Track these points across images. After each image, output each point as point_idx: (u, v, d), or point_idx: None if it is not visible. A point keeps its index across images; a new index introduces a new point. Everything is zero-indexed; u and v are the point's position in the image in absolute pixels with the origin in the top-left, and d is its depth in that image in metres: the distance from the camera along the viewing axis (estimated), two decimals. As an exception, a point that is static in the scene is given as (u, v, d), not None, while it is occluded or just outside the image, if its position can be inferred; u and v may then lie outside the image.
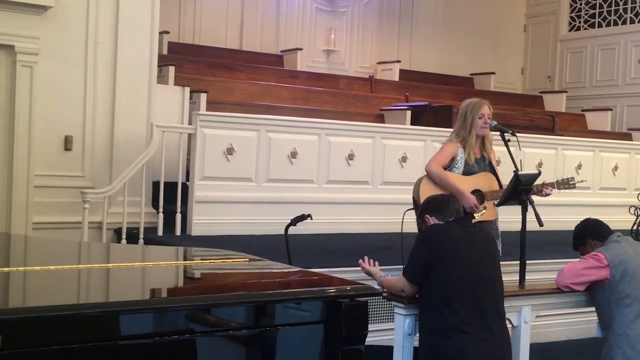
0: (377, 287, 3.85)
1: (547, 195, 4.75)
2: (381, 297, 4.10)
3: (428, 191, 4.75)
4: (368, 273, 4.14)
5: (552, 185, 4.87)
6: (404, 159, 7.32)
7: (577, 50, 12.21)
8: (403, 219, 4.67)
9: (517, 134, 4.96)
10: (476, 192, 4.91)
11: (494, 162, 5.11)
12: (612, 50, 11.73)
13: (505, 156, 4.95)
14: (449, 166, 4.96)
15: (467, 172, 4.93)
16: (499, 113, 8.61)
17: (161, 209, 6.36)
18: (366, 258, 4.19)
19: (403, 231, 4.68)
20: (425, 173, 4.98)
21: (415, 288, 3.75)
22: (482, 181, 4.96)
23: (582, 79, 12.10)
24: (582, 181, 5.35)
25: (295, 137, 6.86)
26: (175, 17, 9.96)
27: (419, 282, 3.73)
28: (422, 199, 4.80)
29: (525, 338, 4.26)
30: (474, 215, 4.84)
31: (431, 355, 3.67)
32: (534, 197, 4.70)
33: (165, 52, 8.95)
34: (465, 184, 4.89)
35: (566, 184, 5.00)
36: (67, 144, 6.51)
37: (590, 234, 4.45)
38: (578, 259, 4.46)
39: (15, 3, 6.04)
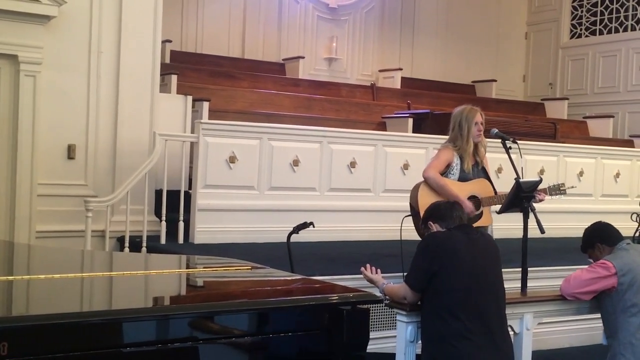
0: (379, 294, 3.86)
1: (540, 201, 4.75)
2: (383, 305, 4.11)
3: (426, 197, 4.81)
4: (370, 281, 4.15)
5: (544, 191, 4.88)
6: (406, 167, 7.33)
7: (579, 58, 12.23)
8: (402, 225, 4.70)
9: (519, 141, 4.98)
10: (472, 198, 4.95)
11: (487, 167, 5.15)
12: (613, 57, 11.75)
13: (507, 163, 4.96)
14: (445, 172, 5.02)
15: (462, 178, 4.99)
16: (500, 120, 8.66)
17: (164, 217, 6.37)
18: (368, 266, 4.20)
19: (403, 238, 4.70)
20: (423, 179, 5.02)
21: (418, 295, 3.76)
22: (478, 187, 5.00)
23: (583, 86, 12.12)
24: (572, 187, 5.37)
25: (297, 145, 6.87)
26: (178, 26, 10.00)
27: (421, 290, 3.73)
28: (420, 205, 4.86)
29: (527, 345, 4.25)
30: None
31: (434, 362, 3.68)
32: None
33: (167, 60, 8.98)
34: (461, 190, 4.93)
35: (557, 189, 5.01)
36: (70, 152, 6.53)
37: (599, 238, 4.38)
38: (585, 266, 4.38)
39: (18, 13, 6.07)
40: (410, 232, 4.93)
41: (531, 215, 4.55)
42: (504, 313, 3.79)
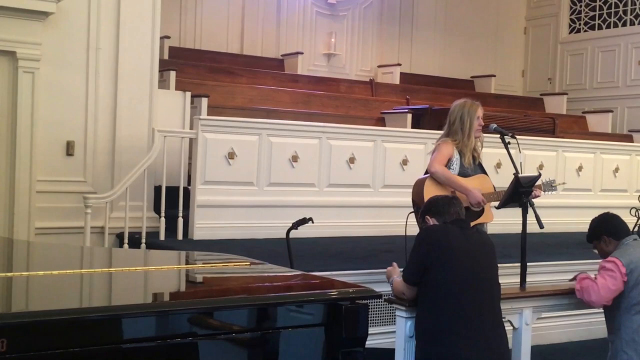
0: (378, 290, 3.86)
1: (536, 197, 4.75)
2: (382, 300, 4.11)
3: (433, 192, 4.71)
4: (388, 275, 4.10)
5: (539, 187, 4.87)
6: (404, 162, 7.33)
7: (578, 53, 12.22)
8: (407, 222, 4.65)
9: (518, 137, 4.95)
10: None
11: (482, 162, 5.12)
12: (612, 52, 11.74)
13: (506, 159, 4.96)
14: (445, 166, 4.95)
15: (461, 173, 4.91)
16: (499, 115, 8.66)
17: (163, 214, 6.38)
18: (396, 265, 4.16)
19: (408, 234, 4.66)
20: (426, 174, 4.96)
21: (414, 290, 3.74)
22: (480, 183, 4.96)
23: (582, 81, 12.11)
24: (563, 183, 5.43)
25: (296, 141, 6.87)
26: (176, 22, 9.99)
27: (415, 283, 3.72)
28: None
29: (527, 340, 4.27)
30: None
31: (426, 359, 3.67)
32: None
33: (166, 57, 8.98)
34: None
35: (550, 186, 5.01)
36: (69, 149, 6.53)
37: (606, 231, 4.36)
38: (602, 271, 4.26)
39: (16, 9, 6.05)
40: (416, 228, 4.91)
41: (530, 210, 4.55)
42: (498, 309, 3.76)
